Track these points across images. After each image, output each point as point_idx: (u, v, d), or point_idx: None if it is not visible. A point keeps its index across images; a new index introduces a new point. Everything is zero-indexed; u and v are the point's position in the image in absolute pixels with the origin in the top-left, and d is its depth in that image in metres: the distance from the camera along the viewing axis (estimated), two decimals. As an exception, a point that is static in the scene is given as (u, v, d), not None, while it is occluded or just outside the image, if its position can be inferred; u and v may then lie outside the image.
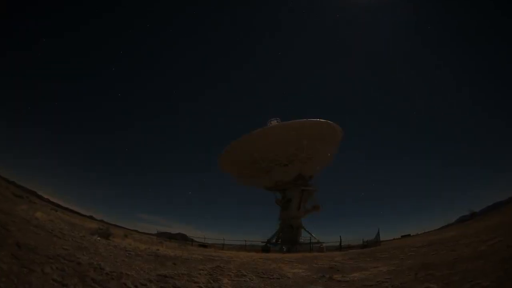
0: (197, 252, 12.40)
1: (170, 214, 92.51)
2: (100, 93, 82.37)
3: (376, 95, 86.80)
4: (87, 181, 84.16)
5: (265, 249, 26.47)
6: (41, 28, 64.42)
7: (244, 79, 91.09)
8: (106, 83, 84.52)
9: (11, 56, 60.06)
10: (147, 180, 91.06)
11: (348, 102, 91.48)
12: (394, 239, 28.04)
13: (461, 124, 78.62)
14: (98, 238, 9.60)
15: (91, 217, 38.67)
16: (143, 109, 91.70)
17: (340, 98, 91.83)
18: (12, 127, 64.76)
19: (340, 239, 26.75)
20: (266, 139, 29.49)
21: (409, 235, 28.38)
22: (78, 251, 6.07)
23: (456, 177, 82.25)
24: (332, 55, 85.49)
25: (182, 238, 34.05)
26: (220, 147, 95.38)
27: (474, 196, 65.57)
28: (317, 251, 22.91)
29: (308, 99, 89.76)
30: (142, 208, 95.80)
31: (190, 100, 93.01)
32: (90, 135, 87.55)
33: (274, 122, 29.93)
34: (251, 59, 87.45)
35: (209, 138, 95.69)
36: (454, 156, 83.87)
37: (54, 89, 76.73)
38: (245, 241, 30.53)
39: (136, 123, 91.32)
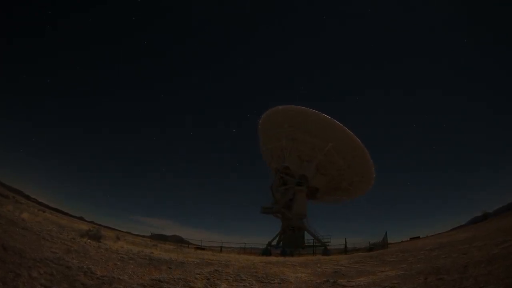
0: (193, 255, 12.46)
1: (165, 216, 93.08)
2: (97, 93, 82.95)
3: (383, 94, 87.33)
4: (77, 180, 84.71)
5: (266, 252, 26.59)
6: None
7: (240, 80, 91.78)
8: (104, 83, 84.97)
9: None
10: (141, 180, 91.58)
11: (354, 101, 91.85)
12: (402, 241, 28.13)
13: (474, 123, 78.93)
14: (89, 240, 9.64)
15: (81, 218, 38.96)
16: (139, 109, 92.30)
17: (345, 97, 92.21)
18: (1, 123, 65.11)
19: (345, 242, 26.93)
20: (305, 121, 30.40)
21: (418, 237, 28.45)
22: (67, 254, 6.10)
23: (469, 177, 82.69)
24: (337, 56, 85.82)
25: (177, 241, 34.24)
26: (218, 147, 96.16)
27: (487, 197, 65.82)
28: (323, 254, 23.03)
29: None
30: (135, 209, 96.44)
31: (187, 100, 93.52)
32: (83, 134, 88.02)
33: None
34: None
35: (208, 138, 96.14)
36: (466, 155, 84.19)
37: (52, 87, 77.49)
38: (245, 243, 30.76)
39: (131, 122, 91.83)
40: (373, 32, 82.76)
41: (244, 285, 6.08)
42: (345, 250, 25.11)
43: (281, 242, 30.65)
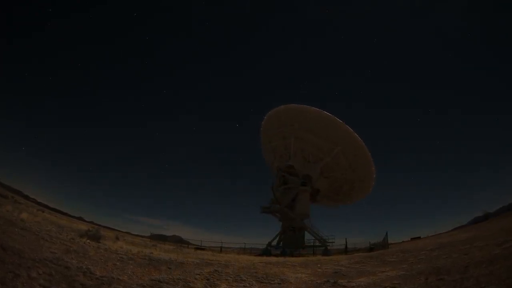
0: (193, 256, 12.46)
1: (165, 216, 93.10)
2: (97, 93, 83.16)
3: (387, 94, 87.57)
4: (77, 180, 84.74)
5: (266, 252, 26.59)
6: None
7: (240, 80, 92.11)
8: (105, 83, 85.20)
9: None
10: (141, 180, 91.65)
11: (357, 100, 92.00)
12: (403, 241, 28.12)
13: (476, 123, 79.05)
14: (88, 240, 9.64)
15: (80, 219, 38.98)
16: (139, 109, 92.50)
17: (345, 97, 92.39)
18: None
19: (346, 242, 26.93)
20: (310, 121, 30.28)
21: (419, 237, 28.44)
22: (66, 254, 6.10)
23: (469, 177, 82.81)
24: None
25: (177, 241, 34.27)
26: (218, 147, 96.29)
27: (488, 197, 65.88)
28: (323, 254, 23.03)
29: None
30: (135, 209, 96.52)
31: (187, 100, 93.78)
32: (83, 134, 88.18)
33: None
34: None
35: (208, 138, 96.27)
36: (466, 155, 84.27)
37: (52, 87, 77.73)
38: (245, 243, 30.77)
39: (131, 122, 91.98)
40: (373, 32, 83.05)
41: (244, 286, 6.08)
42: (345, 250, 25.11)
43: (281, 242, 30.62)
